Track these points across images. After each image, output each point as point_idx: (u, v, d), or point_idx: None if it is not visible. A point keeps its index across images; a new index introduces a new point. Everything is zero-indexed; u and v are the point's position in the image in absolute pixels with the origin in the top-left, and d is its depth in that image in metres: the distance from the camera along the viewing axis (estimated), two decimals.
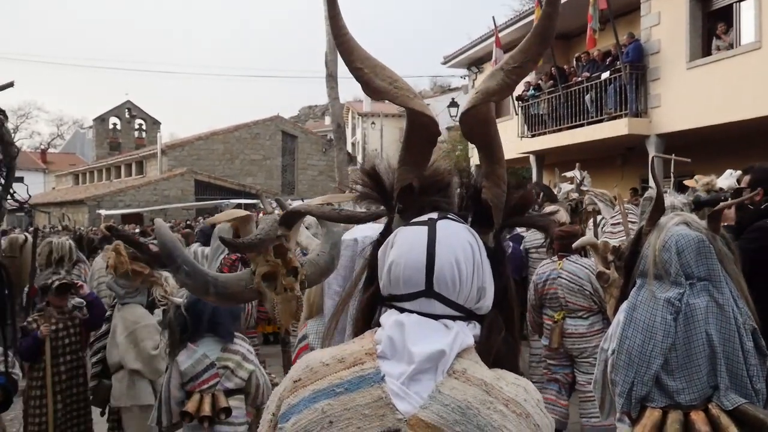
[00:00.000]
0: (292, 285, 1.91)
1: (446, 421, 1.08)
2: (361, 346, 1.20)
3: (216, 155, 33.69)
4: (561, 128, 15.12)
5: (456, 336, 1.16)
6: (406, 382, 1.12)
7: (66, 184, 44.20)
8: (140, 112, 46.03)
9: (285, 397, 1.20)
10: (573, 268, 4.90)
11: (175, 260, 1.85)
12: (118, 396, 4.11)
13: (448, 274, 1.17)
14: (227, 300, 2.03)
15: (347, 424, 1.10)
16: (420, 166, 1.28)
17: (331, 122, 14.09)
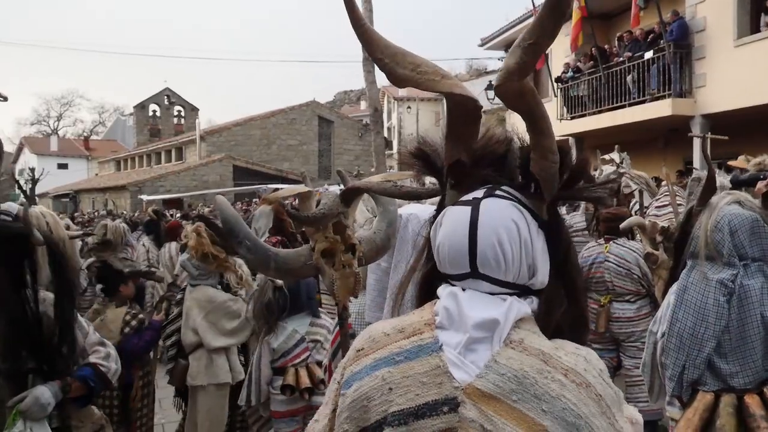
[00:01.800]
0: (350, 261, 1.94)
1: (502, 390, 1.08)
2: (420, 317, 1.22)
3: (253, 141, 34.03)
4: (601, 110, 14.85)
5: (510, 306, 1.16)
6: (462, 351, 1.13)
7: (108, 170, 45.21)
8: (179, 99, 46.67)
9: (348, 365, 1.24)
10: (620, 252, 4.80)
11: (238, 235, 1.91)
12: (195, 375, 4.18)
13: (491, 255, 1.16)
14: (286, 275, 2.09)
15: (406, 391, 1.12)
16: (467, 141, 1.26)
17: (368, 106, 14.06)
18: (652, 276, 4.60)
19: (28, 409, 2.26)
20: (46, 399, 2.31)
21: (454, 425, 1.08)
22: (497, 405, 1.07)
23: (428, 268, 1.31)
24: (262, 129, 34.52)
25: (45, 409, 2.30)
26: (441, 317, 1.18)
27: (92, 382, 2.52)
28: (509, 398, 1.08)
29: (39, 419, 2.31)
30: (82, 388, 2.50)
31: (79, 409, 2.56)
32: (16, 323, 2.34)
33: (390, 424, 1.11)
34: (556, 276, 1.23)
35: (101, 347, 2.62)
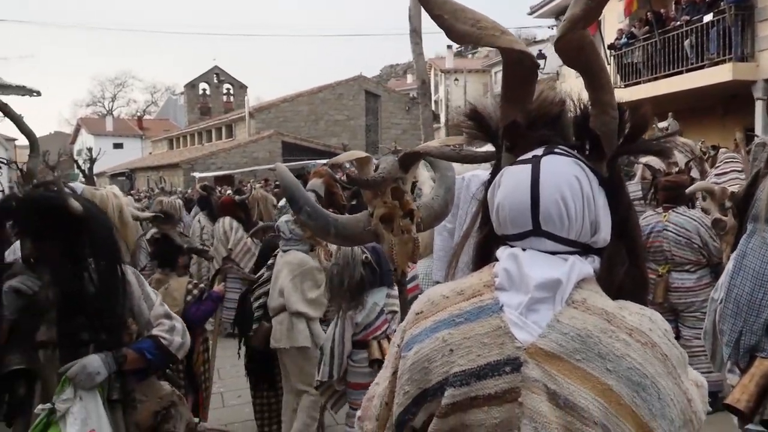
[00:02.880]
0: (409, 227, 1.95)
1: (565, 349, 1.07)
2: (480, 279, 1.21)
3: (301, 117, 34.23)
4: (657, 77, 14.37)
5: (572, 266, 1.14)
6: (524, 311, 1.12)
7: (161, 149, 46.26)
8: (227, 77, 47.21)
9: (408, 328, 1.24)
10: (680, 221, 4.69)
11: (298, 201, 1.96)
12: (278, 338, 4.30)
13: (554, 211, 1.14)
14: (346, 241, 2.10)
15: (467, 352, 1.11)
16: (523, 102, 1.24)
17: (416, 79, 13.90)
18: (720, 243, 4.47)
19: (75, 376, 2.24)
20: (94, 368, 2.28)
21: (517, 385, 1.07)
22: (561, 364, 1.06)
23: (485, 231, 1.31)
24: (309, 105, 34.66)
25: (93, 378, 2.27)
26: (501, 278, 1.17)
27: (150, 354, 2.46)
28: (573, 357, 1.06)
29: (88, 388, 2.28)
30: (138, 359, 2.44)
31: (140, 381, 2.52)
32: (71, 294, 2.35)
33: (452, 385, 1.11)
34: (617, 235, 1.21)
35: (166, 320, 2.56)
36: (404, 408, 1.18)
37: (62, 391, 2.24)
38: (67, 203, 2.36)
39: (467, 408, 1.10)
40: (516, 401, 1.07)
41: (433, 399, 1.14)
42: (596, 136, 1.19)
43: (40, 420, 2.21)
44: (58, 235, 2.40)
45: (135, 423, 2.44)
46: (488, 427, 1.08)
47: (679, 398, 1.10)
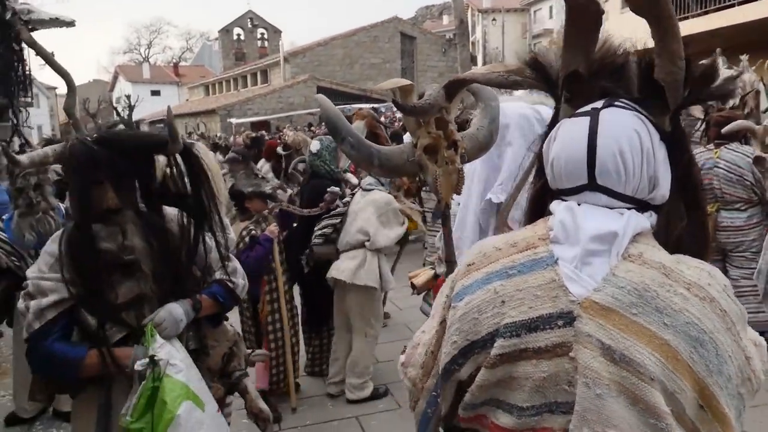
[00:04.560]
0: (453, 158, 1.91)
1: (621, 303, 1.04)
2: (534, 232, 1.19)
3: (336, 60, 33.89)
4: (707, 10, 13.71)
5: (629, 219, 1.11)
6: (578, 265, 1.09)
7: (198, 96, 46.50)
8: (262, 22, 46.80)
9: (458, 279, 1.22)
10: (732, 157, 4.53)
11: (340, 132, 1.92)
12: (343, 269, 4.35)
13: (611, 165, 1.11)
14: (390, 172, 2.07)
15: (519, 304, 1.10)
16: (585, 51, 1.20)
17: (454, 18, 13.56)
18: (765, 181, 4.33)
19: (162, 322, 2.14)
20: (179, 314, 2.19)
21: (569, 340, 1.05)
22: (616, 318, 1.03)
23: (539, 185, 1.28)
24: (344, 48, 34.25)
25: (178, 326, 2.19)
26: (556, 231, 1.14)
27: (222, 298, 2.39)
28: (629, 311, 1.03)
29: (172, 336, 2.18)
30: (213, 305, 2.38)
31: (213, 328, 2.48)
32: (163, 243, 2.24)
33: (502, 336, 1.10)
34: (676, 190, 1.17)
35: (227, 262, 2.48)
36: (451, 358, 1.18)
37: (153, 341, 2.09)
38: (173, 140, 2.19)
39: (516, 360, 1.09)
40: (567, 356, 1.05)
41: (481, 351, 1.14)
42: (661, 88, 1.14)
43: (149, 375, 2.05)
44: (148, 178, 2.26)
45: (207, 368, 2.41)
46: (535, 380, 1.08)
47: (738, 355, 1.06)
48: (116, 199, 2.16)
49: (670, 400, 1.01)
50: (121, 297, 2.17)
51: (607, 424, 1.01)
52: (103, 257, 2.14)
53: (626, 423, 1.01)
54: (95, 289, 2.14)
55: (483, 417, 1.18)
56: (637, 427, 1.01)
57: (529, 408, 1.09)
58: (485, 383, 1.13)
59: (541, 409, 1.08)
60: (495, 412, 1.15)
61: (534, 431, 1.10)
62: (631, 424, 1.01)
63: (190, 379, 2.13)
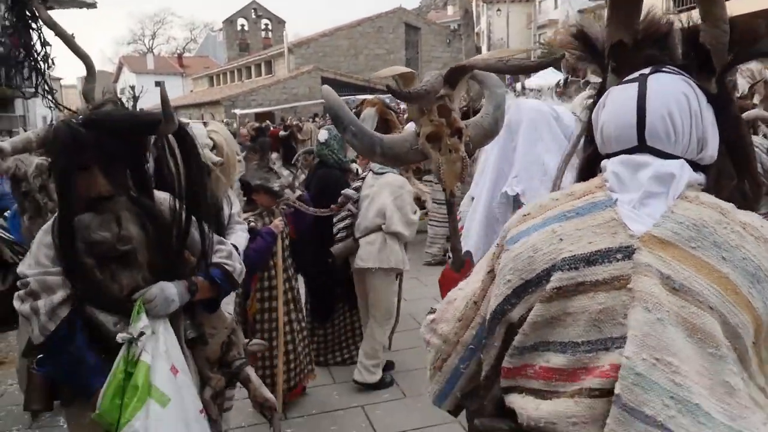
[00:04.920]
0: (457, 146, 1.89)
1: (680, 237, 1.06)
2: (589, 183, 1.21)
3: (341, 51, 33.80)
4: None
5: (683, 164, 1.14)
6: (636, 206, 1.11)
7: (202, 86, 46.46)
8: (266, 12, 46.62)
9: (512, 227, 1.23)
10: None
11: (343, 120, 1.91)
12: (366, 257, 4.34)
13: (660, 127, 1.14)
14: (393, 160, 2.04)
15: (578, 240, 1.10)
16: (630, 20, 1.24)
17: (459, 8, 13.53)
18: None
19: (153, 299, 2.04)
20: (171, 294, 2.09)
21: (627, 272, 1.05)
22: (675, 251, 1.05)
23: (589, 152, 1.31)
24: (349, 39, 34.15)
25: (168, 305, 2.09)
26: (611, 181, 1.17)
27: (219, 281, 2.27)
28: (688, 245, 1.05)
29: (162, 315, 2.09)
30: (209, 288, 2.26)
31: (209, 313, 2.37)
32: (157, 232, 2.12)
33: (560, 269, 1.10)
34: (725, 151, 1.21)
35: (222, 246, 2.38)
36: (504, 298, 1.17)
37: (138, 319, 2.00)
38: (167, 119, 2.04)
39: (572, 294, 1.09)
40: (625, 288, 1.04)
41: (535, 289, 1.13)
42: (706, 52, 1.18)
43: (122, 355, 1.98)
44: (140, 161, 2.13)
45: (206, 358, 2.33)
46: (591, 312, 1.07)
47: None
48: (108, 185, 2.03)
49: (730, 333, 1.02)
50: (126, 288, 2.07)
51: (667, 352, 0.99)
52: (98, 248, 2.02)
53: (685, 354, 1.00)
54: (96, 282, 2.04)
55: (528, 366, 1.16)
56: (695, 359, 1.00)
57: (584, 344, 1.08)
58: (539, 320, 1.12)
59: (597, 346, 1.07)
60: (544, 356, 1.13)
61: (587, 370, 1.07)
62: (689, 355, 1.00)
63: (157, 371, 2.00)
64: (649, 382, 0.98)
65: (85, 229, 2.03)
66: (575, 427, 1.05)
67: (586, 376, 1.07)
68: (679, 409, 0.97)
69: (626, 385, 0.99)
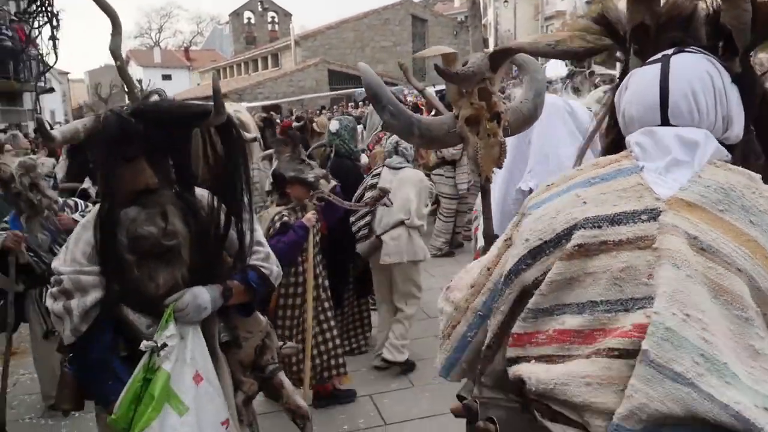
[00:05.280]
0: (495, 130, 1.85)
1: (708, 200, 1.03)
2: (616, 155, 1.19)
3: (347, 44, 33.72)
4: None
5: (707, 135, 1.12)
6: (662, 172, 1.09)
7: (209, 80, 46.21)
8: (272, 5, 46.52)
9: (535, 197, 1.22)
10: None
11: (381, 100, 1.87)
12: (393, 253, 4.44)
13: (684, 106, 1.13)
14: (430, 143, 2.00)
15: (602, 202, 1.08)
16: (652, 4, 1.23)
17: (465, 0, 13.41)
18: None
19: (185, 307, 1.96)
20: (204, 301, 2.00)
21: (652, 233, 1.02)
22: (702, 214, 1.03)
23: (612, 135, 1.30)
24: (355, 31, 34.06)
25: (200, 312, 2.00)
26: (636, 152, 1.15)
27: (255, 284, 2.18)
28: (715, 208, 1.03)
29: (193, 322, 2.01)
30: (244, 292, 2.17)
31: (244, 318, 2.28)
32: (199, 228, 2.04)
33: (582, 227, 1.07)
34: (752, 130, 1.21)
35: (260, 247, 2.25)
36: (519, 258, 1.15)
37: (166, 327, 1.93)
38: (218, 111, 1.94)
39: (594, 253, 1.05)
40: (649, 248, 1.01)
41: (553, 250, 1.10)
42: (729, 32, 1.17)
43: (143, 363, 1.92)
44: (185, 154, 2.04)
45: (239, 361, 2.26)
46: (613, 271, 1.03)
47: None
48: (154, 177, 1.96)
49: (758, 297, 0.99)
50: (163, 287, 1.99)
51: (696, 308, 0.96)
52: (141, 244, 1.95)
53: (711, 314, 0.97)
54: (134, 281, 1.96)
55: (540, 333, 1.11)
56: (721, 320, 0.97)
57: (603, 303, 1.03)
58: (558, 278, 1.08)
59: (616, 306, 1.02)
60: (559, 318, 1.09)
61: (604, 331, 1.03)
62: (714, 317, 0.97)
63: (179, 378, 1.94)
64: (679, 338, 0.94)
65: (131, 223, 1.95)
66: (588, 387, 1.00)
67: (603, 337, 1.02)
68: (708, 367, 0.93)
69: (655, 341, 0.95)
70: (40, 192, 3.92)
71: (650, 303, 0.98)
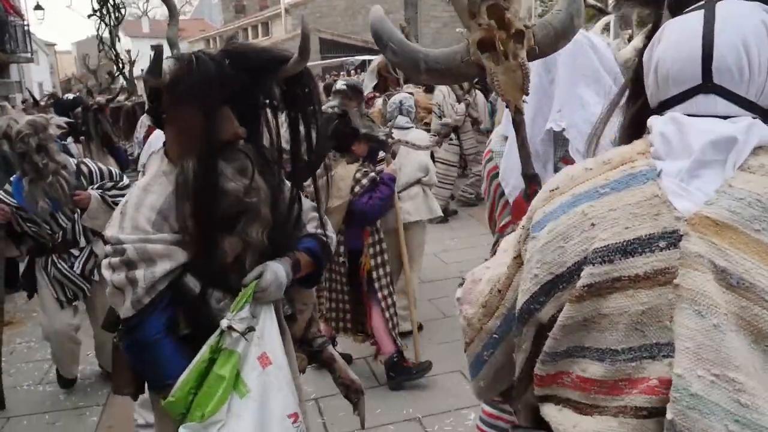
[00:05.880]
0: (515, 51, 1.55)
1: (740, 217, 0.85)
2: (632, 148, 1.00)
3: (338, 12, 33.28)
4: None
5: (750, 125, 0.92)
6: (685, 178, 0.91)
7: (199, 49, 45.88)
8: None
9: (539, 207, 1.04)
10: None
11: (381, 38, 1.67)
12: (413, 211, 4.54)
13: (731, 60, 0.93)
14: (441, 77, 1.74)
15: (612, 224, 0.91)
16: None
17: None
18: None
19: (268, 286, 1.79)
20: (283, 276, 1.84)
21: (673, 264, 0.86)
22: (733, 236, 0.84)
23: (637, 105, 1.10)
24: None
25: (281, 290, 1.85)
26: (656, 146, 0.96)
27: (320, 255, 2.01)
28: (750, 227, 0.84)
29: (271, 301, 1.84)
30: (310, 263, 1.99)
31: (304, 290, 2.12)
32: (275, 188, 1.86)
33: (590, 263, 0.91)
34: None
35: (314, 213, 2.08)
36: (531, 295, 1.00)
37: (241, 308, 1.76)
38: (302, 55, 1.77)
39: (607, 292, 0.90)
40: (671, 284, 0.85)
41: (566, 286, 0.95)
42: None
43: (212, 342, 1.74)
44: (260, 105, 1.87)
45: (292, 335, 2.09)
46: (632, 314, 0.88)
47: None
48: (241, 127, 1.78)
49: None
50: (230, 255, 1.80)
51: (728, 366, 0.80)
52: (223, 201, 1.75)
53: (750, 365, 0.81)
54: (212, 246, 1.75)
55: (564, 374, 0.99)
56: (764, 371, 0.81)
57: (624, 351, 0.90)
58: (570, 323, 0.94)
59: (641, 353, 0.88)
60: (580, 363, 0.95)
61: (630, 382, 0.89)
62: (756, 367, 0.81)
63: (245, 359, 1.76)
64: (708, 405, 0.80)
65: (220, 177, 1.75)
66: None
67: (630, 389, 0.89)
68: None
69: (680, 410, 0.81)
70: (48, 155, 3.60)
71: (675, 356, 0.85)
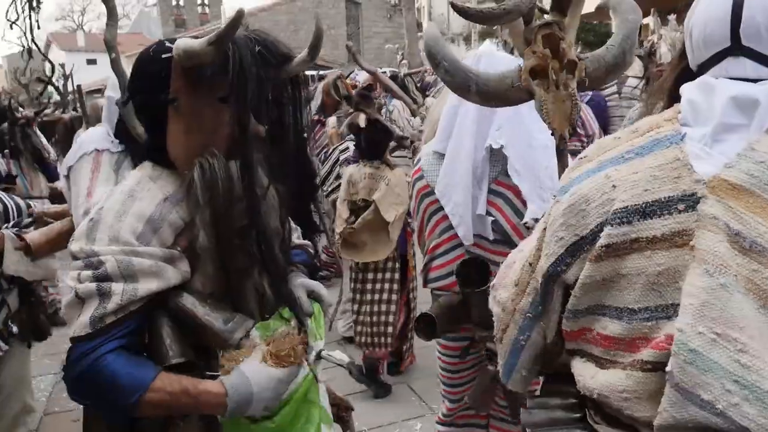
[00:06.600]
0: (567, 82, 1.59)
1: (759, 181, 0.85)
2: (660, 116, 1.02)
3: (280, 27, 33.18)
4: None
5: None
6: (708, 142, 0.91)
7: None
8: None
9: (566, 174, 1.07)
10: None
11: (435, 57, 1.67)
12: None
13: (761, 20, 0.92)
14: (490, 100, 1.74)
15: (632, 186, 0.92)
16: None
17: None
18: None
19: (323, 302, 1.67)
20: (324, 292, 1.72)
21: (690, 227, 0.87)
22: (750, 199, 0.85)
23: (679, 68, 1.10)
24: (288, 14, 33.61)
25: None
26: (684, 113, 0.96)
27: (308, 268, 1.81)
28: (767, 190, 0.85)
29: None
30: None
31: None
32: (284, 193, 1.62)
33: (609, 224, 0.93)
34: None
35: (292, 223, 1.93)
36: (556, 258, 1.01)
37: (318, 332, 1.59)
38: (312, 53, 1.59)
39: (626, 253, 0.92)
40: (687, 245, 0.87)
41: (590, 248, 0.96)
42: None
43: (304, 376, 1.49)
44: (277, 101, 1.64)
45: None
46: (649, 275, 0.90)
47: None
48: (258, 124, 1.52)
49: None
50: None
51: (731, 326, 0.82)
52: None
53: (755, 328, 0.82)
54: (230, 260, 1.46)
55: (587, 330, 1.01)
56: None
57: (641, 310, 0.92)
58: (589, 281, 0.96)
59: (657, 314, 0.90)
60: (600, 321, 0.98)
61: (646, 340, 0.92)
62: (762, 331, 0.82)
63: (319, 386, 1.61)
64: (707, 362, 0.82)
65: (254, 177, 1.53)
66: (627, 402, 0.93)
67: (645, 346, 0.92)
68: (745, 395, 0.81)
69: (679, 363, 0.84)
70: None
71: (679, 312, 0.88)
